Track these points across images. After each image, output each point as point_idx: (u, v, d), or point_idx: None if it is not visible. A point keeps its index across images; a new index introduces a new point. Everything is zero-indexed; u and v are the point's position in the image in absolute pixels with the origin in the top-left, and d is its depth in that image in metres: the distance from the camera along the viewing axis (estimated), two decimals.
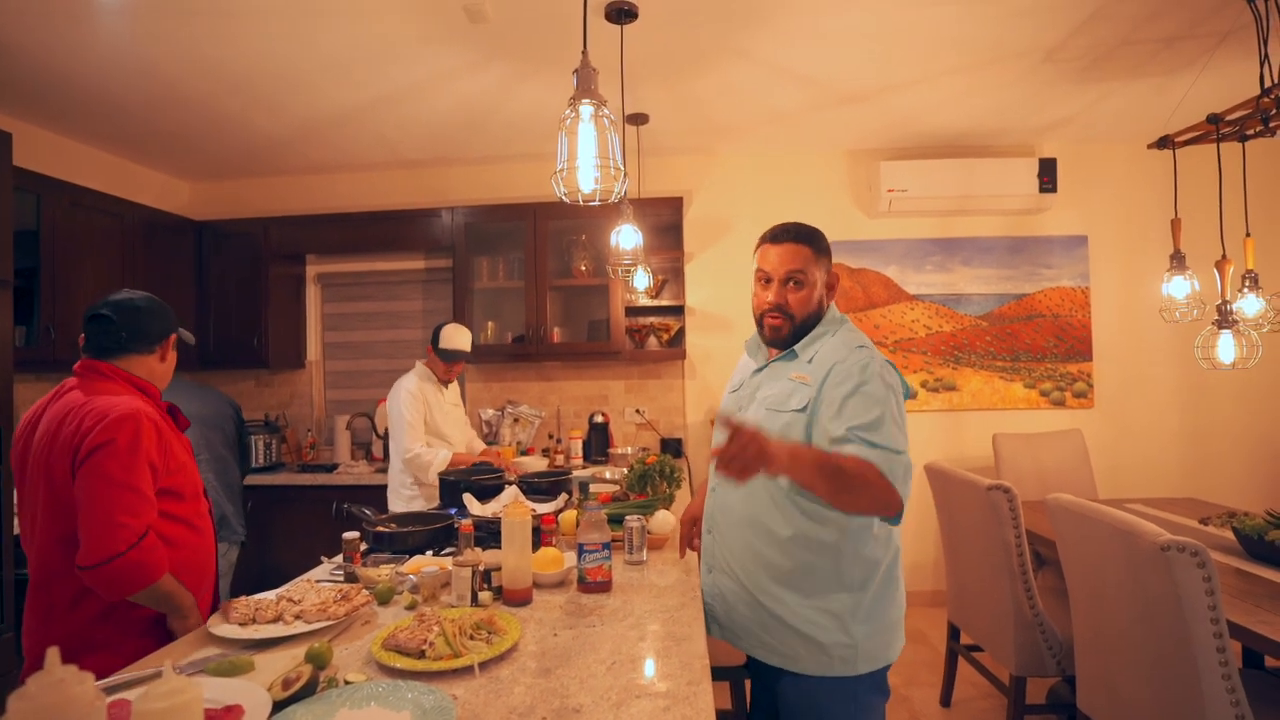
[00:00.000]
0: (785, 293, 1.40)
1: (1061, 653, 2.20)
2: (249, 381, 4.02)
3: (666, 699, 1.00)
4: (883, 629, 1.35)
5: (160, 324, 1.53)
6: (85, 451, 1.30)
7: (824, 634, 1.32)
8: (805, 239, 1.41)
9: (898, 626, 1.39)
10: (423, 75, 2.73)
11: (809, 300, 1.40)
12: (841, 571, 1.32)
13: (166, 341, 1.56)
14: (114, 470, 1.29)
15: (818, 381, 1.33)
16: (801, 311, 1.40)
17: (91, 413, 1.33)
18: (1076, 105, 3.22)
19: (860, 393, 1.27)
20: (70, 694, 0.65)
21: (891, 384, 1.30)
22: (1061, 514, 1.93)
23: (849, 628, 1.31)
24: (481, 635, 1.19)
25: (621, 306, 3.58)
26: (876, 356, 1.34)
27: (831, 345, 1.38)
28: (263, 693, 1.00)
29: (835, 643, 1.32)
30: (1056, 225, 3.77)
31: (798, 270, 1.38)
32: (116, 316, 1.45)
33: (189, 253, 3.66)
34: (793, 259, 1.39)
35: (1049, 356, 3.76)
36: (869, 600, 1.33)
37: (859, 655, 1.32)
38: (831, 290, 1.45)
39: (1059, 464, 3.39)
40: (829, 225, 3.72)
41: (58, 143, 3.22)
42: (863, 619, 1.32)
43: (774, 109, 3.22)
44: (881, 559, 1.35)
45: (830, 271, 1.45)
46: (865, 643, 1.32)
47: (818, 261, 1.41)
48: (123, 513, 1.28)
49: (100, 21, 2.28)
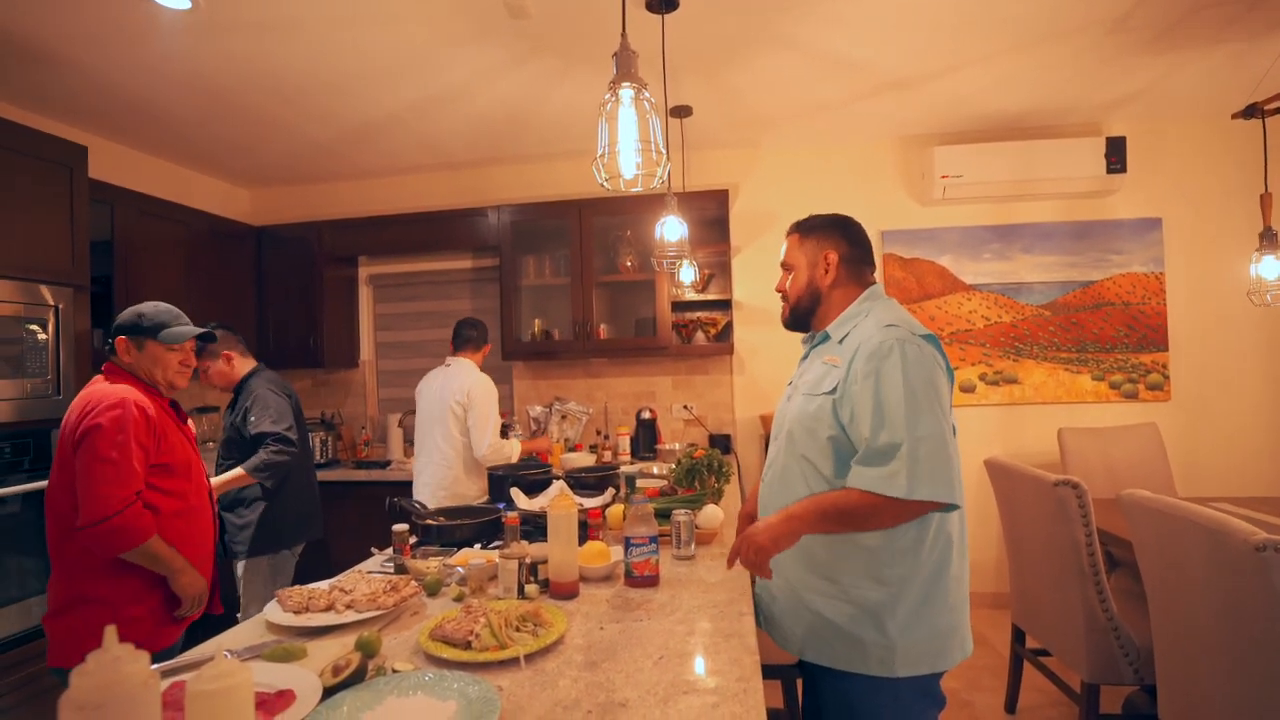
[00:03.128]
0: (785, 278, 1.50)
1: (1139, 660, 2.06)
2: (305, 380, 4.16)
3: (716, 695, 0.97)
4: (930, 634, 1.26)
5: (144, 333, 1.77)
6: (81, 433, 1.56)
7: (860, 630, 1.27)
8: (795, 227, 1.49)
9: (951, 634, 1.29)
10: (465, 75, 2.76)
11: (798, 283, 1.46)
12: (878, 566, 1.26)
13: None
14: (102, 447, 1.54)
15: (845, 363, 1.30)
16: (792, 293, 1.47)
17: (89, 401, 1.61)
18: (1146, 78, 3.02)
19: (877, 378, 1.23)
20: (125, 671, 0.66)
21: (914, 358, 1.23)
22: (1139, 511, 1.81)
23: (885, 626, 1.25)
24: (527, 628, 1.18)
25: (668, 301, 3.55)
26: (903, 333, 1.26)
27: (864, 326, 1.34)
28: (314, 679, 1.01)
29: (872, 641, 1.26)
30: (1126, 208, 3.55)
31: (784, 261, 1.49)
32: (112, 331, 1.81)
33: (249, 257, 3.81)
34: (785, 250, 1.49)
35: (1119, 347, 3.55)
36: (910, 600, 1.25)
37: (896, 657, 1.24)
38: (829, 266, 1.43)
39: (1131, 460, 3.20)
40: (879, 215, 3.68)
41: (128, 155, 3.39)
42: (902, 619, 1.25)
43: (820, 97, 3.13)
44: (925, 557, 1.27)
45: (825, 247, 1.44)
46: (905, 644, 1.25)
47: (802, 243, 1.45)
48: (109, 484, 1.53)
49: (161, 41, 2.39)
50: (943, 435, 1.19)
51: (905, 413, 1.18)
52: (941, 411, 1.21)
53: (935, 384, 1.23)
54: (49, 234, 2.38)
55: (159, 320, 1.76)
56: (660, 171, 1.18)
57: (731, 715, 0.92)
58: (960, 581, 1.32)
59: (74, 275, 2.44)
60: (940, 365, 1.26)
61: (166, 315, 1.79)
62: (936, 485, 1.16)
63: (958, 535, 1.31)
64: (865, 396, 1.23)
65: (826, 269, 1.43)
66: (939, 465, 1.17)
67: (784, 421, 1.44)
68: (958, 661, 1.30)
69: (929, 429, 1.18)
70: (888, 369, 1.22)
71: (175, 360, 1.77)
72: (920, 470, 1.16)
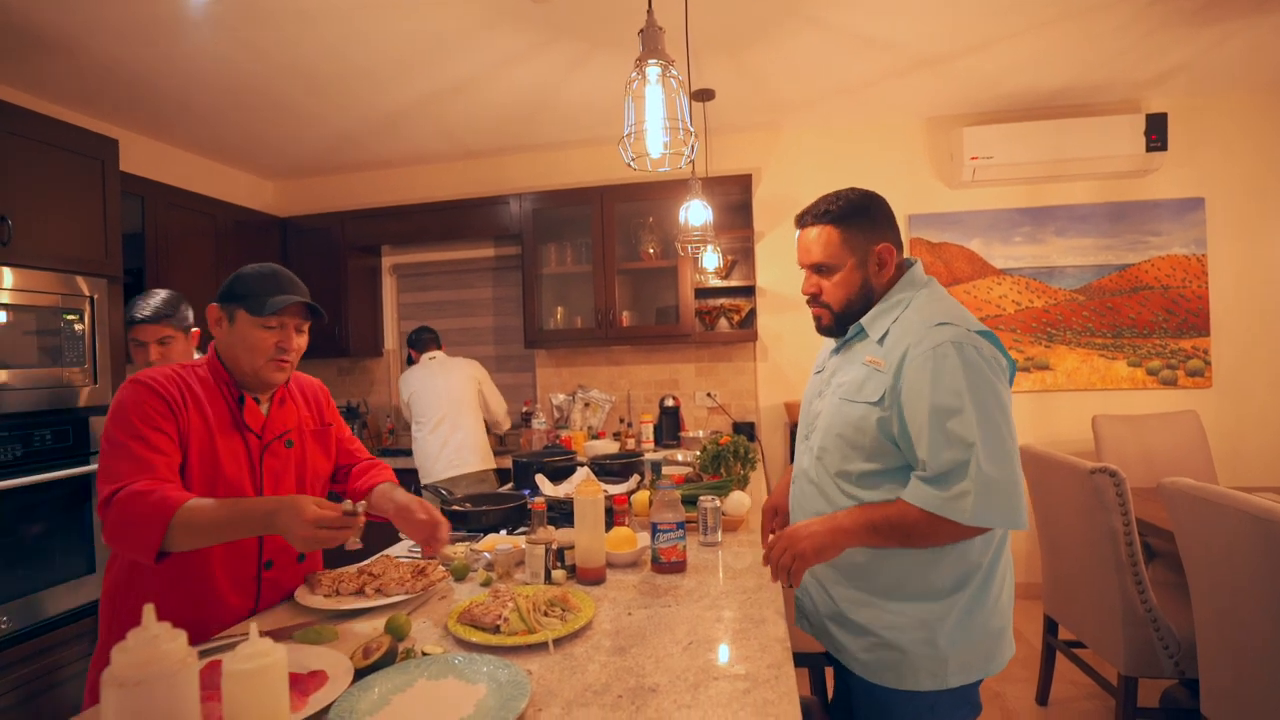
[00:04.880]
0: (818, 281, 1.27)
1: (1180, 653, 2.00)
2: (331, 370, 4.22)
3: (746, 681, 0.96)
4: (982, 639, 1.17)
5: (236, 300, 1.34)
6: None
7: (907, 642, 1.16)
8: (829, 217, 1.24)
9: (1002, 636, 1.20)
10: (486, 61, 2.75)
11: (846, 284, 1.25)
12: (925, 573, 1.16)
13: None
14: (107, 430, 1.21)
15: (892, 368, 1.16)
16: (838, 299, 1.26)
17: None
18: (1189, 51, 2.90)
19: (933, 388, 1.10)
20: (163, 650, 0.67)
21: (974, 363, 1.10)
22: (1181, 499, 1.75)
23: (935, 639, 1.14)
24: (555, 612, 1.18)
25: (691, 288, 3.52)
26: (959, 332, 1.12)
27: (906, 322, 1.19)
28: (345, 660, 1.02)
29: (921, 654, 1.15)
30: (1167, 188, 3.43)
31: (821, 261, 1.26)
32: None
33: (274, 248, 3.85)
34: (813, 246, 1.26)
35: (1157, 332, 3.44)
36: (961, 607, 1.15)
37: (949, 668, 1.14)
38: (884, 263, 1.25)
39: (1170, 448, 3.11)
40: (906, 198, 3.59)
41: (159, 149, 3.44)
42: (953, 628, 1.15)
43: (845, 78, 3.07)
44: (979, 561, 1.17)
45: (876, 242, 1.24)
46: (957, 653, 1.15)
47: (847, 240, 1.23)
48: (102, 470, 1.17)
49: (186, 33, 2.42)
50: (1011, 453, 1.09)
51: (971, 428, 1.07)
52: (1007, 423, 1.11)
53: (999, 392, 1.11)
54: (83, 226, 2.42)
55: (256, 285, 1.28)
56: (688, 151, 1.15)
57: (764, 701, 0.90)
58: (1008, 581, 1.23)
59: (107, 266, 2.48)
60: (1002, 366, 1.14)
61: (270, 280, 1.30)
62: (1005, 510, 1.07)
63: (1006, 535, 1.23)
64: (920, 409, 1.10)
65: (881, 265, 1.24)
66: (1008, 488, 1.07)
67: (815, 421, 1.32)
68: (1006, 663, 1.21)
69: (997, 447, 1.07)
70: (947, 378, 1.09)
71: (270, 342, 1.28)
72: (990, 495, 1.06)
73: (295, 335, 1.33)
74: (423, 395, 3.25)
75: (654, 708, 0.90)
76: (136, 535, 1.09)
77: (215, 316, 1.31)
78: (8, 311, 2.17)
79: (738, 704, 0.90)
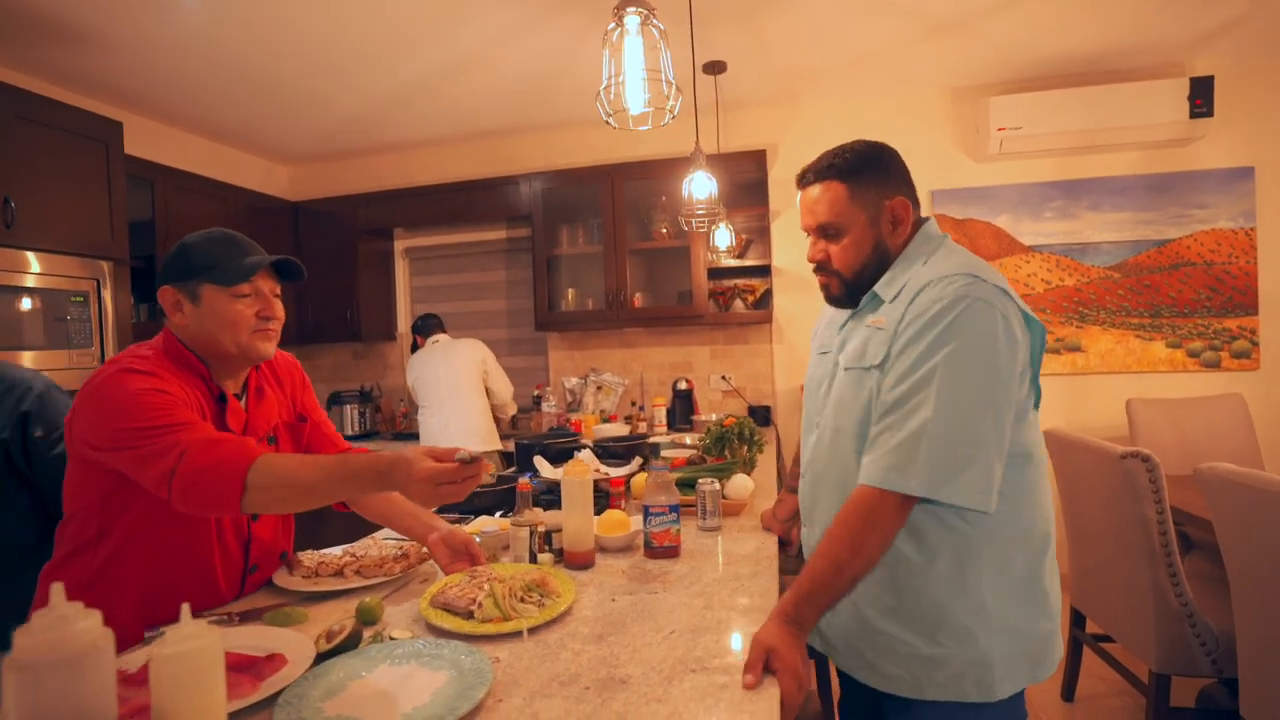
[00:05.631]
0: (825, 246, 1.14)
1: (1218, 650, 1.87)
2: (345, 354, 4.22)
3: (725, 675, 0.89)
4: (1030, 641, 1.02)
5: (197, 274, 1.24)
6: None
7: (949, 652, 1.00)
8: (835, 172, 1.11)
9: (1052, 638, 1.05)
10: (486, 35, 2.67)
11: (857, 247, 1.11)
12: (956, 579, 1.01)
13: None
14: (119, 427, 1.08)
15: (893, 324, 1.03)
16: (848, 263, 1.12)
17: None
18: (1238, 9, 2.70)
19: (920, 340, 0.97)
20: (71, 630, 0.62)
21: (976, 325, 0.96)
22: (1219, 486, 1.62)
23: (978, 641, 0.99)
24: (533, 598, 1.11)
25: (703, 268, 3.42)
26: (967, 282, 0.98)
27: (919, 275, 1.06)
28: (308, 644, 0.98)
29: (965, 661, 1.00)
30: (1212, 157, 3.22)
31: (827, 222, 1.12)
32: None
33: (286, 232, 3.86)
34: (818, 205, 1.12)
35: (1200, 311, 3.24)
36: (1006, 604, 1.01)
37: (995, 677, 0.99)
38: (900, 220, 1.12)
39: (1211, 433, 2.93)
40: (929, 174, 3.43)
41: (169, 133, 3.45)
42: (998, 634, 1.00)
43: (863, 45, 2.92)
44: (1011, 561, 1.02)
45: (890, 196, 1.11)
46: (1004, 658, 0.99)
47: (856, 196, 1.10)
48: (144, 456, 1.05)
49: (183, 13, 2.38)
50: (977, 420, 0.94)
51: (935, 384, 0.94)
52: (994, 390, 0.96)
53: (995, 358, 0.96)
54: (89, 209, 2.43)
55: (216, 254, 1.17)
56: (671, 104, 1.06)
57: (741, 698, 0.83)
58: (1056, 579, 1.08)
59: (113, 249, 2.49)
60: (1014, 329, 0.98)
61: (229, 245, 1.19)
62: (952, 471, 0.92)
63: (1049, 531, 1.08)
64: (902, 373, 0.99)
65: (896, 222, 1.11)
66: (962, 448, 0.93)
67: (822, 403, 1.18)
68: (1055, 667, 1.06)
69: (961, 408, 0.94)
70: (933, 334, 0.97)
71: (249, 312, 1.18)
72: (936, 447, 0.93)
73: (274, 300, 1.23)
74: (425, 379, 3.28)
75: (621, 700, 0.83)
76: (212, 484, 0.97)
77: (172, 300, 1.17)
78: (13, 294, 2.18)
79: (711, 700, 0.83)
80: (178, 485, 0.99)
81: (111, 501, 1.11)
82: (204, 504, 1.00)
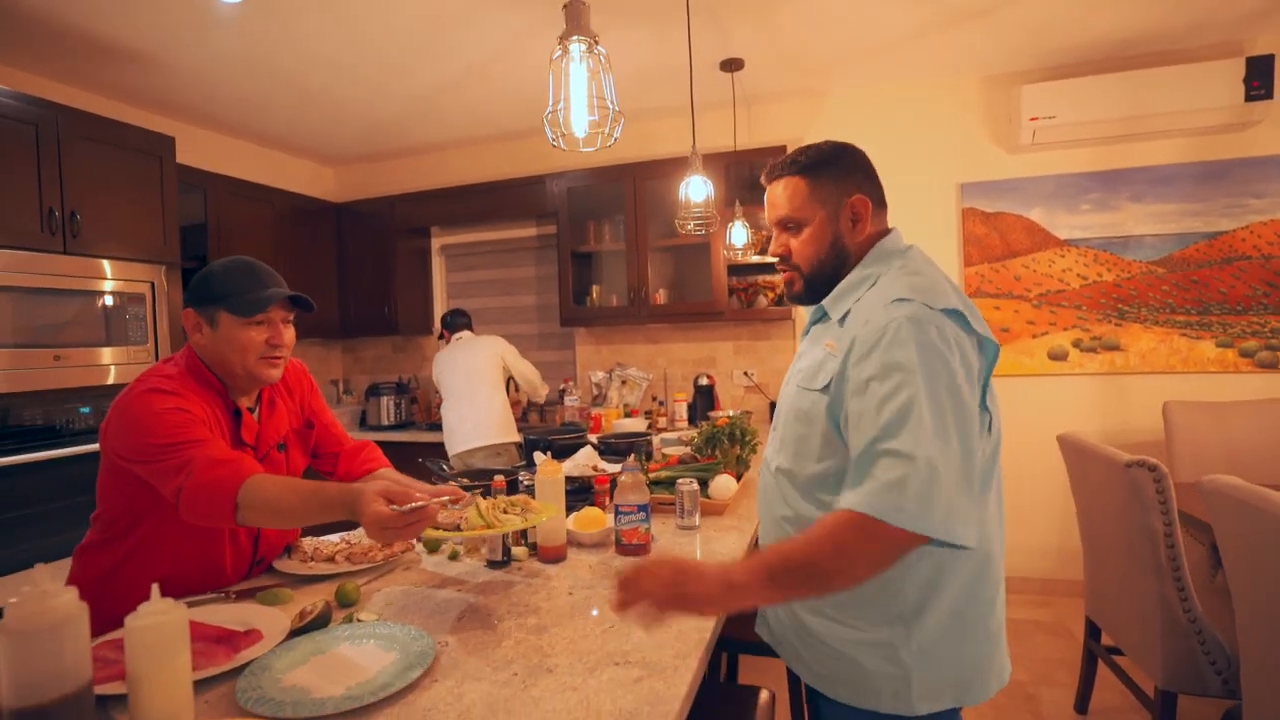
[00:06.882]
0: (786, 240, 1.16)
1: (1229, 670, 1.81)
2: (385, 347, 4.45)
3: (642, 669, 0.95)
4: (957, 664, 1.02)
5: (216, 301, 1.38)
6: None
7: (868, 660, 1.02)
8: (797, 168, 1.13)
9: (984, 665, 1.04)
10: (500, 40, 2.75)
11: (815, 240, 1.12)
12: (883, 593, 1.01)
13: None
14: (138, 442, 1.25)
15: (843, 352, 1.03)
16: (808, 257, 1.13)
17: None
18: None
19: (879, 375, 0.95)
20: (53, 604, 0.74)
21: (929, 344, 0.94)
22: (1220, 500, 1.57)
23: (899, 657, 1.00)
24: (516, 510, 1.26)
25: (723, 265, 3.44)
26: (916, 309, 0.97)
27: (867, 302, 1.05)
28: (285, 622, 1.09)
29: (882, 673, 1.01)
30: (1272, 142, 3.00)
31: (788, 215, 1.14)
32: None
33: (330, 233, 4.08)
34: (780, 200, 1.15)
35: (1255, 308, 3.05)
36: (930, 631, 1.00)
37: (914, 691, 1.00)
38: (859, 217, 1.12)
39: (1260, 441, 2.76)
40: (958, 166, 3.34)
41: (221, 141, 3.70)
42: (919, 650, 1.00)
43: (887, 33, 2.86)
44: (943, 582, 1.00)
45: (849, 193, 1.12)
46: (924, 676, 1.00)
47: (816, 191, 1.11)
48: (161, 471, 1.23)
49: (222, 31, 2.57)
50: (953, 451, 0.91)
51: (912, 411, 0.91)
52: (961, 418, 0.93)
53: (955, 381, 0.94)
54: (144, 217, 2.66)
55: (234, 283, 1.27)
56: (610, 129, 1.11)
57: (652, 690, 0.89)
58: (995, 604, 1.06)
59: (166, 253, 2.71)
60: (967, 353, 0.98)
61: (247, 275, 1.29)
62: (941, 513, 0.87)
63: (998, 548, 1.06)
64: (858, 392, 0.97)
65: (855, 219, 1.12)
66: (949, 487, 0.89)
67: (779, 414, 1.20)
68: (992, 693, 1.04)
69: (941, 438, 0.91)
70: (896, 355, 0.94)
71: (259, 339, 1.29)
72: (934, 485, 0.88)
73: (283, 329, 1.34)
74: (446, 373, 3.40)
75: (540, 687, 0.91)
76: (207, 502, 1.13)
77: (194, 322, 1.30)
78: (83, 297, 2.42)
79: (622, 691, 0.89)
80: (183, 500, 1.15)
81: (137, 503, 1.26)
82: (202, 518, 1.17)
